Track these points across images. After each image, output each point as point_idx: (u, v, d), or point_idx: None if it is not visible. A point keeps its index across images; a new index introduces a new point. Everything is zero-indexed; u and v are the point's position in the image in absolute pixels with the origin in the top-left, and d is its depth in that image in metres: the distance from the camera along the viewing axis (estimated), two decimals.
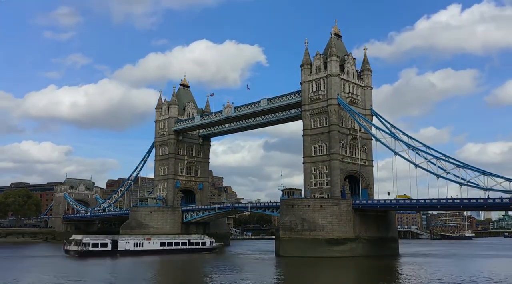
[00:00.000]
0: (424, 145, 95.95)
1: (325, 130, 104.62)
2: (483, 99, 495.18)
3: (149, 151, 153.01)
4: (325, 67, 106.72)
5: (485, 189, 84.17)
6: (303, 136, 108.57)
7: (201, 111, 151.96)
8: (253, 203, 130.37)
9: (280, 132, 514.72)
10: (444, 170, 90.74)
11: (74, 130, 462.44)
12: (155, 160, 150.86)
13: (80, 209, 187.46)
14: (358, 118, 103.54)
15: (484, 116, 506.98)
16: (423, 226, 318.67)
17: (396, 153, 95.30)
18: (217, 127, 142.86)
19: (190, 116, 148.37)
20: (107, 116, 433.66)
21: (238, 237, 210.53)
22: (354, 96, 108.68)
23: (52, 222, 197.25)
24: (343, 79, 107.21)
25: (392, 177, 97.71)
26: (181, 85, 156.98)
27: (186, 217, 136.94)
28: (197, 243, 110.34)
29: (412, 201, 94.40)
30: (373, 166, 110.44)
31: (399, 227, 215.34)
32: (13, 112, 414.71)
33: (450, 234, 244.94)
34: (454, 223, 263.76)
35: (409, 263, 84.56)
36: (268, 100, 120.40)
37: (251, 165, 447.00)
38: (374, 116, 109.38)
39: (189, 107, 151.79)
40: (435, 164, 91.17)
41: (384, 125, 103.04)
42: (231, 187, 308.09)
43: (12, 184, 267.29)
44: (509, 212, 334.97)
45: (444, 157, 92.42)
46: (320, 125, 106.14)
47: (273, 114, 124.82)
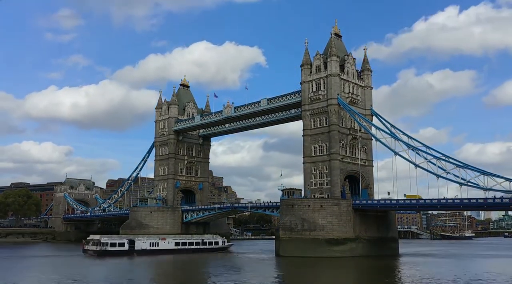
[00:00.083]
0: (424, 145, 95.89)
1: (325, 130, 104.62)
2: (482, 100, 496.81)
3: (149, 151, 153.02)
4: (325, 67, 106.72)
5: (485, 189, 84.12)
6: (303, 136, 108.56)
7: (201, 111, 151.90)
8: (253, 203, 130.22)
9: (279, 133, 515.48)
10: (444, 170, 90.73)
11: (75, 131, 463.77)
12: (155, 160, 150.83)
13: (80, 209, 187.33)
14: (358, 118, 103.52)
15: (483, 117, 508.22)
16: (423, 226, 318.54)
17: (396, 153, 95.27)
18: (217, 127, 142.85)
19: (190, 116, 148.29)
20: (108, 117, 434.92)
21: (238, 237, 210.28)
22: (354, 96, 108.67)
23: (52, 222, 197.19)
24: (343, 79, 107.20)
25: (392, 177, 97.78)
26: (181, 85, 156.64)
27: (186, 217, 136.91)
28: (210, 243, 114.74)
29: (412, 201, 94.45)
30: (373, 166, 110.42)
31: (399, 227, 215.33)
32: (14, 113, 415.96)
33: (450, 234, 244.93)
34: (454, 223, 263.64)
35: (409, 263, 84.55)
36: (268, 100, 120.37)
37: (251, 165, 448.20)
38: (374, 116, 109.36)
39: (189, 107, 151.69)
40: (435, 164, 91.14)
41: (384, 125, 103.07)
42: (231, 187, 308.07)
43: (12, 184, 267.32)
44: (509, 212, 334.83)
45: (444, 157, 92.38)
46: (320, 125, 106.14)
47: (273, 114, 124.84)
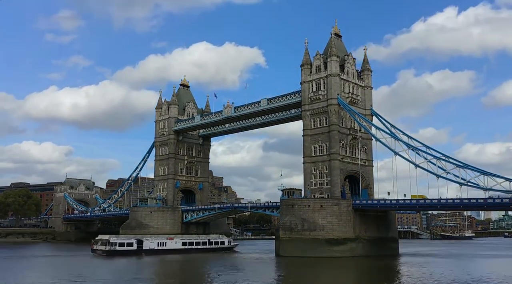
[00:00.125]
0: (424, 145, 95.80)
1: (325, 130, 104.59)
2: (481, 100, 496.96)
3: (149, 151, 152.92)
4: (325, 67, 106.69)
5: (485, 189, 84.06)
6: (303, 136, 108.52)
7: (201, 111, 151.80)
8: (253, 203, 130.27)
9: (279, 133, 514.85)
10: (444, 170, 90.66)
11: (75, 131, 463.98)
12: (155, 160, 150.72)
13: (80, 209, 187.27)
14: (358, 118, 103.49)
15: (482, 117, 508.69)
16: (423, 226, 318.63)
17: (396, 153, 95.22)
18: (217, 127, 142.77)
19: (190, 116, 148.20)
20: (108, 117, 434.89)
21: (238, 237, 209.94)
22: (354, 96, 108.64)
23: (52, 222, 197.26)
24: (343, 79, 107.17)
25: (392, 177, 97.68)
26: (181, 85, 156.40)
27: (186, 217, 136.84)
28: (217, 243, 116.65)
29: (412, 201, 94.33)
30: (373, 166, 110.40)
31: (399, 227, 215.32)
32: (14, 113, 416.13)
33: (450, 234, 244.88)
34: (454, 223, 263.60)
35: (409, 263, 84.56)
36: (268, 100, 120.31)
37: (251, 165, 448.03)
38: (374, 116, 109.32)
39: (189, 107, 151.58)
40: (435, 164, 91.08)
41: (384, 125, 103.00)
42: (231, 187, 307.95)
43: (12, 184, 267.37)
44: (509, 212, 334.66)
45: (444, 157, 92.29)
46: (320, 125, 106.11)
47: (273, 114, 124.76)
